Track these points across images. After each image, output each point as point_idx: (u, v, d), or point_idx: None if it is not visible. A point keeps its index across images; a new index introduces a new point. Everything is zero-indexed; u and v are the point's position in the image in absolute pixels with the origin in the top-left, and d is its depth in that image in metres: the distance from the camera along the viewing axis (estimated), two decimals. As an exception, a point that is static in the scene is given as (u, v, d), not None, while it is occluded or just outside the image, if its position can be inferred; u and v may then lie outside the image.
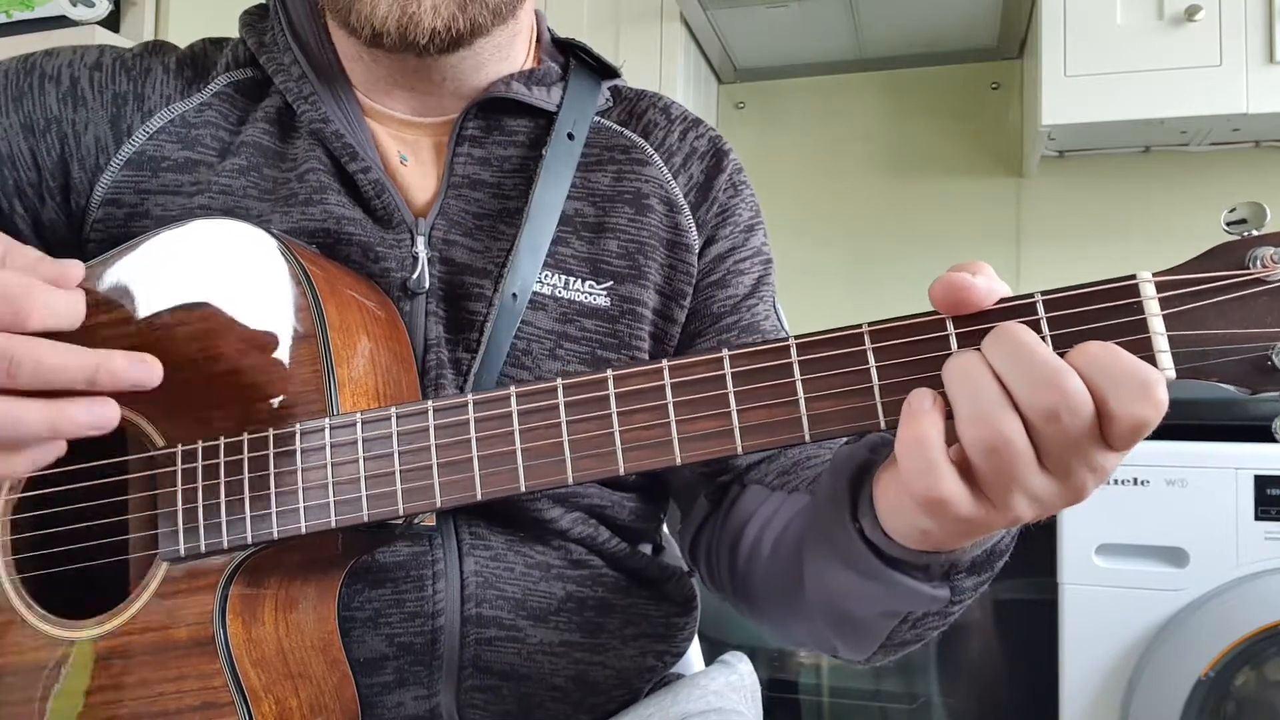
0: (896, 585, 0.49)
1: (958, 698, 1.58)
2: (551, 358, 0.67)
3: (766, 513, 0.65)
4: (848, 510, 0.50)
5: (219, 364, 0.57)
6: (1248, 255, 0.41)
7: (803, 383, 0.45)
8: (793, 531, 0.61)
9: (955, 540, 0.45)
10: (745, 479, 0.70)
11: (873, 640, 0.55)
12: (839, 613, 0.55)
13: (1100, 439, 0.41)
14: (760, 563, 0.64)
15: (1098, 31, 1.67)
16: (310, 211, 0.66)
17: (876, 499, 0.47)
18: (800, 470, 0.66)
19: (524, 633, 0.66)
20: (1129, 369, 0.39)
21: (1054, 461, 0.41)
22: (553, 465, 0.49)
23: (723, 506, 0.71)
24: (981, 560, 0.49)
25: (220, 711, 0.54)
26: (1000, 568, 0.51)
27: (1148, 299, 0.42)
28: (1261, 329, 0.41)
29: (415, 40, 0.63)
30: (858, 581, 0.50)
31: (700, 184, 0.75)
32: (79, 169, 0.67)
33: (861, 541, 0.49)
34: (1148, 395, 0.39)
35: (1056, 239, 2.04)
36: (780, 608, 0.64)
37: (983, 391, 0.41)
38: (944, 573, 0.49)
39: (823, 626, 0.58)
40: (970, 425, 0.41)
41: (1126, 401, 0.39)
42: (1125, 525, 1.37)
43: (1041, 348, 0.41)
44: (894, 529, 0.47)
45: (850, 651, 0.58)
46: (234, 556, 0.54)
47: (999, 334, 0.41)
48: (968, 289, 0.43)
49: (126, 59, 0.70)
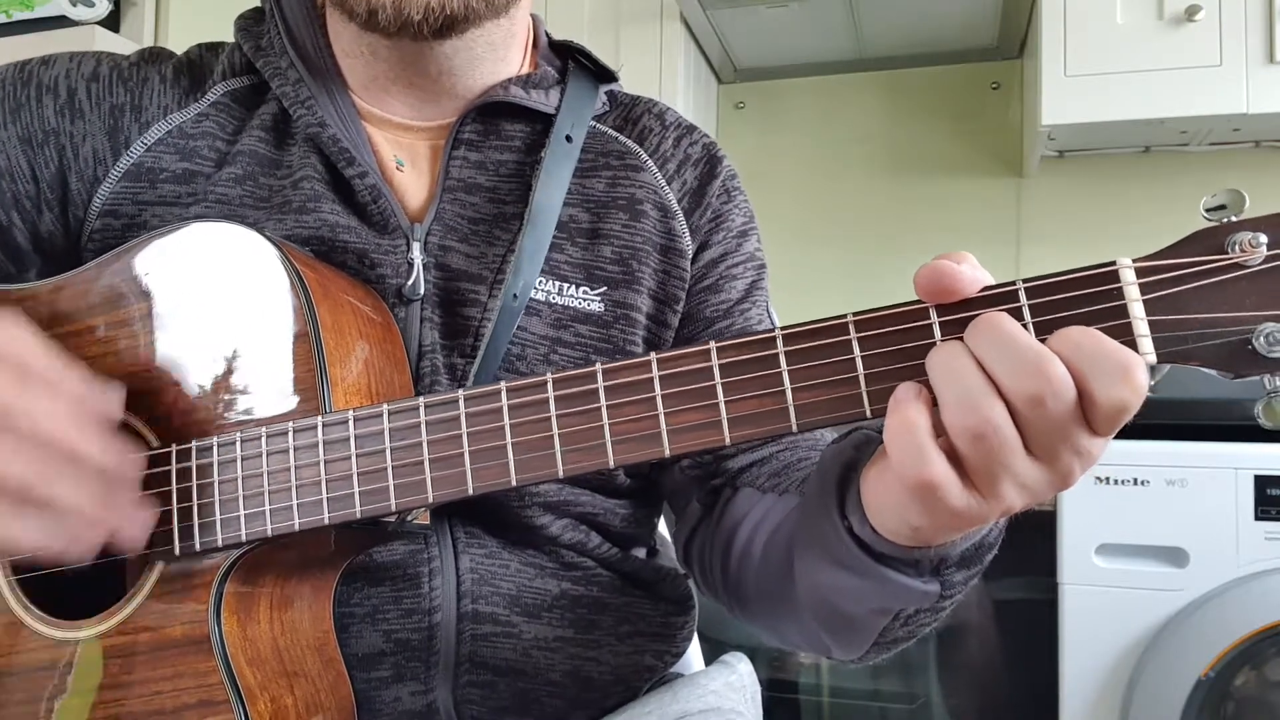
0: (887, 581, 0.49)
1: (958, 698, 1.58)
2: (546, 363, 0.67)
3: (758, 515, 0.65)
4: (835, 508, 0.50)
5: (212, 364, 0.57)
6: (1227, 240, 0.42)
7: (789, 373, 0.45)
8: (783, 533, 0.61)
9: (944, 535, 0.45)
10: (737, 482, 0.70)
11: (865, 638, 0.55)
12: (831, 612, 0.55)
13: (1084, 422, 0.41)
14: (752, 565, 0.64)
15: (1098, 31, 1.67)
16: (305, 219, 0.66)
17: (864, 494, 0.47)
18: (791, 473, 0.66)
19: (519, 628, 0.66)
20: (1109, 353, 0.40)
21: (1040, 447, 0.41)
22: (543, 459, 0.49)
23: (715, 510, 0.71)
24: (970, 554, 0.49)
25: (216, 709, 0.54)
26: (989, 561, 0.51)
27: (1128, 284, 0.42)
28: (1241, 312, 0.41)
29: (410, 16, 0.63)
30: (848, 579, 0.50)
31: (694, 190, 0.75)
32: (77, 181, 0.67)
33: (850, 539, 0.49)
34: (1128, 379, 0.39)
35: (1056, 239, 2.04)
36: (772, 609, 0.64)
37: (968, 380, 0.41)
38: (934, 567, 0.49)
39: (815, 627, 0.58)
40: (957, 413, 0.41)
41: (1107, 385, 0.39)
42: (1125, 525, 1.37)
43: (1023, 335, 0.41)
44: (882, 525, 0.47)
45: (843, 651, 0.58)
46: (228, 555, 0.54)
47: (981, 323, 0.42)
48: (952, 276, 0.43)
49: (124, 69, 0.70)
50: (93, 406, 0.51)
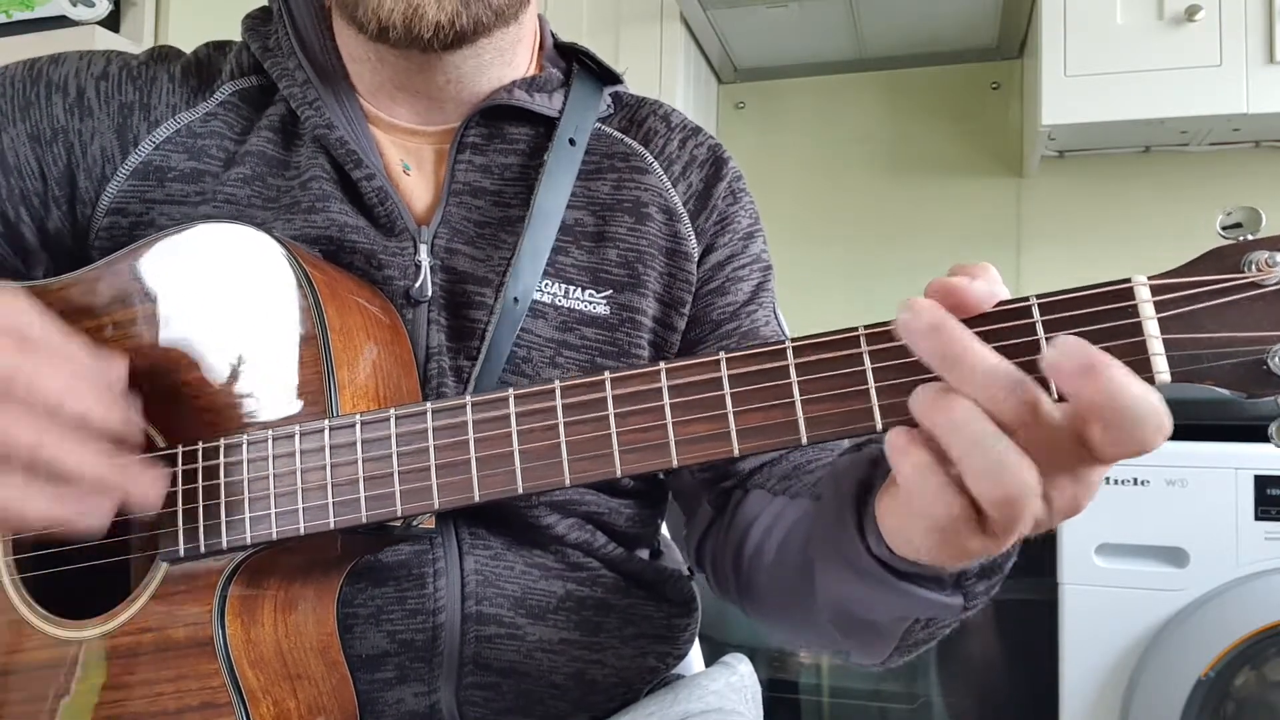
0: (909, 595, 0.49)
1: (958, 698, 1.58)
2: (551, 365, 0.67)
3: (769, 517, 0.65)
4: (854, 526, 0.50)
5: (219, 366, 0.57)
6: (1243, 259, 0.41)
7: (799, 385, 0.45)
8: (797, 537, 0.61)
9: (956, 562, 0.45)
10: (748, 484, 0.70)
11: (887, 643, 0.55)
12: (852, 620, 0.55)
13: (1087, 453, 0.40)
14: (765, 568, 0.64)
15: (1098, 31, 1.67)
16: (313, 219, 0.66)
17: (880, 522, 0.47)
18: (801, 475, 0.66)
19: (523, 630, 0.66)
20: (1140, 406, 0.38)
21: (1047, 483, 0.40)
22: (550, 467, 0.49)
23: (727, 512, 0.71)
24: (990, 564, 0.49)
25: (219, 712, 0.54)
26: (1010, 568, 0.50)
27: (1143, 302, 0.41)
28: (1257, 333, 0.41)
29: (420, 34, 0.63)
30: (870, 591, 0.50)
31: (699, 192, 0.75)
32: (85, 179, 0.67)
33: (870, 556, 0.49)
34: (1160, 430, 0.38)
35: (1056, 239, 2.04)
36: (788, 613, 0.64)
37: (991, 442, 0.39)
38: (955, 580, 0.49)
39: (834, 632, 0.57)
40: (986, 484, 0.39)
41: (1138, 435, 0.38)
42: (1125, 525, 1.37)
43: (996, 361, 0.40)
44: (899, 549, 0.46)
45: (864, 655, 0.57)
46: (233, 557, 0.54)
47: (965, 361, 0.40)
48: (961, 293, 0.42)
49: (133, 68, 0.70)
50: (95, 372, 0.50)
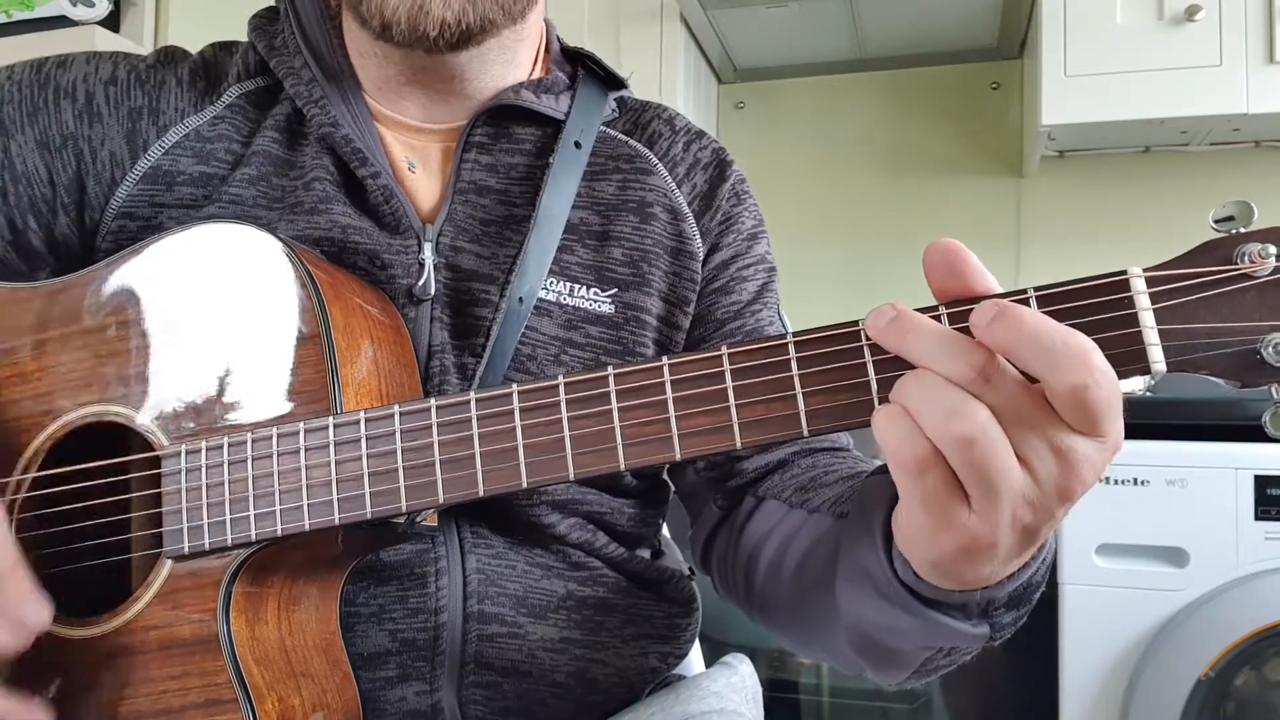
0: (935, 623, 0.48)
1: (958, 697, 1.58)
2: (556, 363, 0.68)
3: (786, 531, 0.65)
4: (882, 550, 0.49)
5: (224, 364, 0.57)
6: (1235, 251, 0.42)
7: (800, 378, 0.45)
8: (819, 557, 0.60)
9: (963, 566, 0.44)
10: (759, 490, 0.70)
11: (906, 667, 0.55)
12: (874, 644, 0.54)
13: (1054, 416, 0.40)
14: (783, 583, 0.64)
15: (1098, 31, 1.68)
16: (316, 220, 0.66)
17: (895, 535, 0.46)
18: (818, 488, 0.66)
19: (525, 629, 0.66)
20: (1059, 339, 0.38)
21: (1021, 447, 0.40)
22: (554, 461, 0.49)
23: (736, 517, 0.71)
24: (1019, 594, 0.49)
25: (224, 709, 0.54)
26: (1037, 599, 0.50)
27: (1138, 294, 0.42)
28: (1249, 323, 0.42)
29: (425, 32, 0.63)
30: (897, 617, 0.50)
31: (704, 193, 0.76)
32: (94, 184, 0.67)
33: (898, 582, 0.49)
34: (1084, 362, 0.38)
35: (1056, 239, 2.04)
36: (804, 628, 0.63)
37: (943, 393, 0.40)
38: (982, 610, 0.49)
39: (852, 652, 0.57)
40: (943, 424, 0.40)
41: (1063, 372, 0.38)
42: (1125, 525, 1.37)
43: (952, 333, 0.41)
44: (910, 554, 0.46)
45: (881, 676, 0.57)
46: (237, 554, 0.54)
47: (918, 334, 0.41)
48: (961, 256, 0.43)
49: (141, 72, 0.70)
50: None
